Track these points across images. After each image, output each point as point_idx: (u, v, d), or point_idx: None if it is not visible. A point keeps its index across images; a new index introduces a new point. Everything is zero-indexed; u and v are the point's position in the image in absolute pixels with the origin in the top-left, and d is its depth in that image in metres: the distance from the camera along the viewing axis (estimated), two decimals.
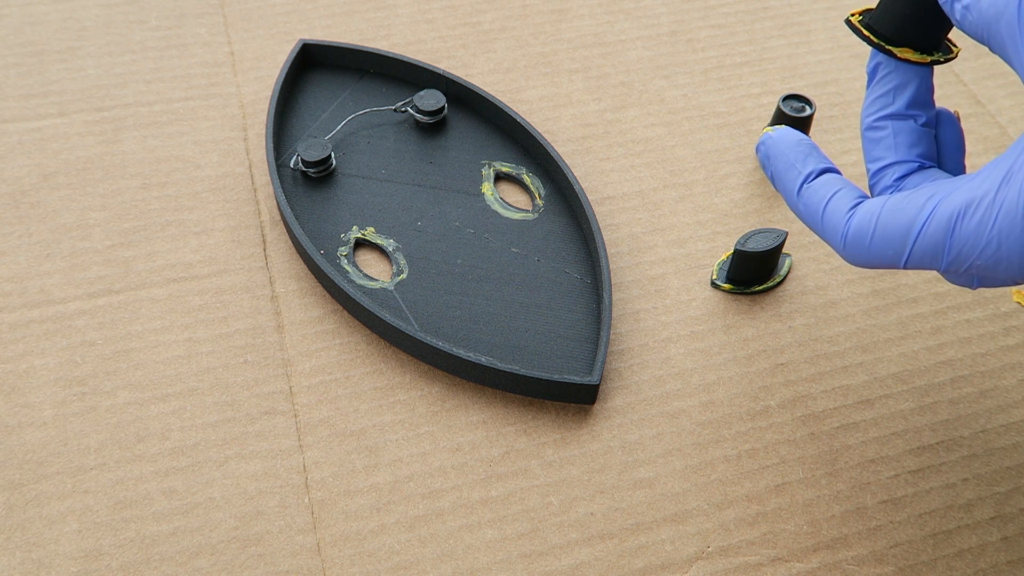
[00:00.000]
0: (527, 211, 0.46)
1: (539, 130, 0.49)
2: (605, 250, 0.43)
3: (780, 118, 0.47)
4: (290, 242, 0.44)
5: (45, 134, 0.48)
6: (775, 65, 0.54)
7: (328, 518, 0.37)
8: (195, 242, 0.44)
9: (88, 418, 0.39)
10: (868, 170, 0.34)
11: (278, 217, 0.45)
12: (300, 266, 0.44)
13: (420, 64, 0.49)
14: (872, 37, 0.34)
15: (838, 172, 0.34)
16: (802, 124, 0.47)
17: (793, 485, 0.38)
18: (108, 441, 0.38)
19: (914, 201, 0.30)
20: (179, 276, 0.43)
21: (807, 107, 0.47)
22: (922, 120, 0.34)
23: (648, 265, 0.45)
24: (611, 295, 0.42)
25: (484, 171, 0.47)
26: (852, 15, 0.35)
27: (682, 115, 0.51)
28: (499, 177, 0.48)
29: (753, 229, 0.45)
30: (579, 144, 0.50)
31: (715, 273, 0.44)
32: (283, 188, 0.45)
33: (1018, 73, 0.29)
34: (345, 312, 0.42)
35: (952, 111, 0.35)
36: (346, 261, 0.43)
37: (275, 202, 0.46)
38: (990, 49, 0.30)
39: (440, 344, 0.39)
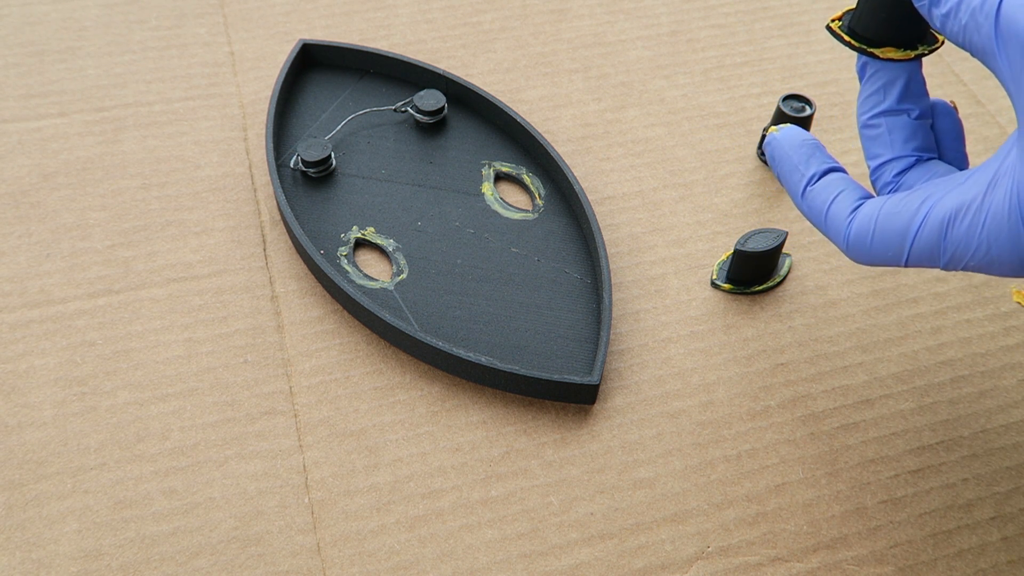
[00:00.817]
0: (527, 211, 0.46)
1: (539, 130, 0.49)
2: (605, 250, 0.43)
3: (780, 118, 0.47)
4: (290, 242, 0.44)
5: (45, 134, 0.48)
6: (775, 65, 0.54)
7: (328, 518, 0.37)
8: (195, 242, 0.44)
9: (88, 418, 0.39)
10: (868, 167, 0.35)
11: (278, 217, 0.45)
12: (300, 266, 0.44)
13: (420, 64, 0.49)
14: (853, 41, 0.34)
15: (842, 170, 0.35)
16: (802, 124, 0.47)
17: (793, 485, 0.38)
18: (108, 441, 0.38)
19: (909, 205, 0.31)
20: (179, 276, 0.43)
21: (807, 107, 0.47)
22: (915, 114, 0.34)
23: (648, 265, 0.45)
24: (611, 295, 0.42)
25: (484, 171, 0.47)
26: (832, 21, 0.35)
27: (682, 115, 0.51)
28: (499, 177, 0.48)
29: (753, 229, 0.45)
30: (579, 144, 0.50)
31: (715, 273, 0.44)
32: (283, 188, 0.45)
33: (999, 80, 0.29)
34: (345, 312, 0.42)
35: (949, 101, 0.35)
36: (346, 261, 0.43)
37: (275, 202, 0.46)
38: (971, 55, 0.30)
39: (440, 344, 0.39)
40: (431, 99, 0.48)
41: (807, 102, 0.47)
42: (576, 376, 0.39)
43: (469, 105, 0.50)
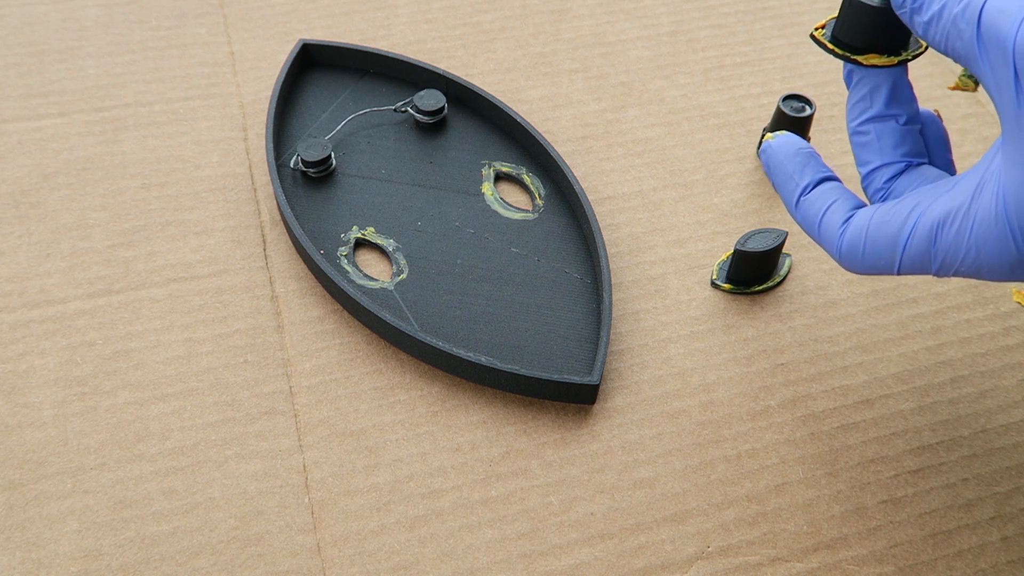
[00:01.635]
0: (527, 211, 0.46)
1: (539, 130, 0.49)
2: (605, 250, 0.43)
3: (780, 118, 0.47)
4: (290, 242, 0.44)
5: (45, 134, 0.48)
6: (775, 65, 0.54)
7: (328, 518, 0.37)
8: (195, 242, 0.44)
9: (88, 418, 0.39)
10: (859, 173, 0.35)
11: (278, 217, 0.45)
12: (300, 266, 0.44)
13: (420, 64, 0.49)
14: (836, 49, 0.34)
15: (835, 179, 0.35)
16: (802, 124, 0.47)
17: (793, 485, 0.38)
18: (108, 441, 0.38)
19: (899, 213, 0.31)
20: (179, 276, 0.43)
21: (807, 107, 0.47)
22: (903, 119, 0.34)
23: (648, 265, 0.45)
24: (611, 295, 0.42)
25: (484, 171, 0.47)
26: (816, 29, 0.35)
27: (682, 115, 0.51)
28: (499, 177, 0.48)
29: (753, 229, 0.45)
30: (579, 144, 0.50)
31: (715, 273, 0.44)
32: (283, 188, 0.45)
33: (983, 85, 0.29)
34: (345, 312, 0.42)
35: (932, 111, 0.35)
36: (346, 261, 0.43)
37: (275, 202, 0.46)
38: (954, 61, 0.30)
39: (440, 344, 0.39)
40: (431, 99, 0.48)
41: (807, 102, 0.47)
42: (576, 376, 0.39)
43: (469, 105, 0.50)
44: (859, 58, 0.34)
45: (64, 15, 0.54)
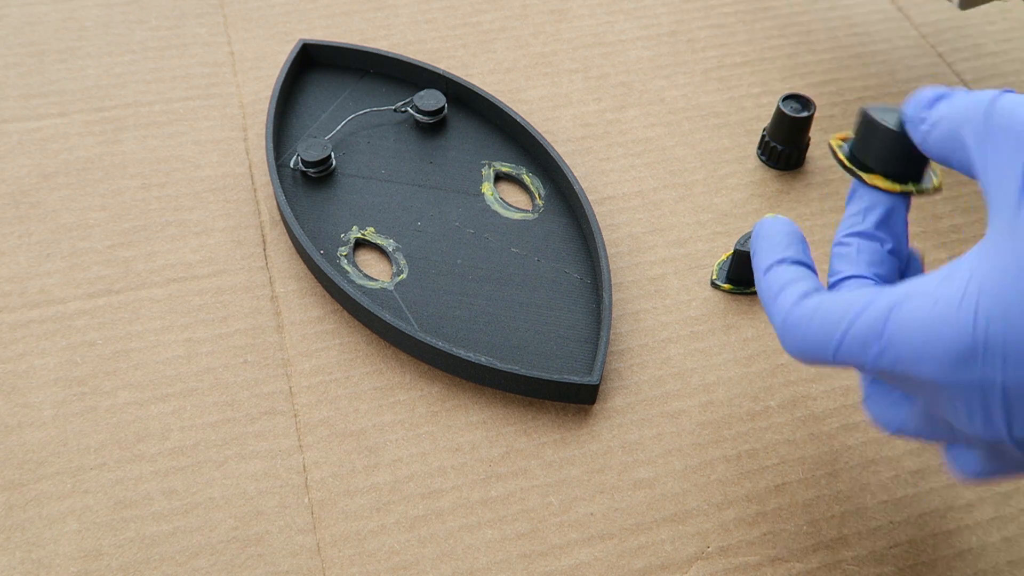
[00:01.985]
0: (527, 211, 0.46)
1: (539, 130, 0.49)
2: (605, 250, 0.43)
3: (780, 118, 0.47)
4: (290, 242, 0.44)
5: (45, 134, 0.48)
6: (775, 65, 0.54)
7: (328, 518, 0.37)
8: (195, 242, 0.44)
9: (88, 418, 0.39)
10: (828, 282, 0.34)
11: (278, 217, 0.45)
12: (300, 266, 0.44)
13: (420, 64, 0.49)
14: (845, 161, 0.34)
15: (813, 270, 0.34)
16: (802, 124, 0.47)
17: (793, 485, 0.38)
18: (108, 441, 0.38)
19: (860, 294, 0.30)
20: (179, 276, 0.43)
21: (807, 107, 0.47)
22: (888, 245, 0.33)
23: (648, 265, 0.45)
24: (611, 295, 0.42)
25: (484, 171, 0.47)
26: (834, 138, 0.35)
27: (682, 115, 0.51)
28: (499, 177, 0.48)
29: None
30: (579, 144, 0.50)
31: (715, 273, 0.44)
32: (283, 188, 0.45)
33: (977, 175, 0.29)
34: (345, 312, 0.42)
35: (916, 249, 0.35)
36: (346, 261, 0.43)
37: (275, 202, 0.46)
38: (953, 168, 0.30)
39: (440, 344, 0.39)
40: (431, 99, 0.48)
41: (807, 102, 0.47)
42: (576, 376, 0.39)
43: (469, 105, 0.50)
44: (864, 176, 0.34)
45: (64, 15, 0.54)
